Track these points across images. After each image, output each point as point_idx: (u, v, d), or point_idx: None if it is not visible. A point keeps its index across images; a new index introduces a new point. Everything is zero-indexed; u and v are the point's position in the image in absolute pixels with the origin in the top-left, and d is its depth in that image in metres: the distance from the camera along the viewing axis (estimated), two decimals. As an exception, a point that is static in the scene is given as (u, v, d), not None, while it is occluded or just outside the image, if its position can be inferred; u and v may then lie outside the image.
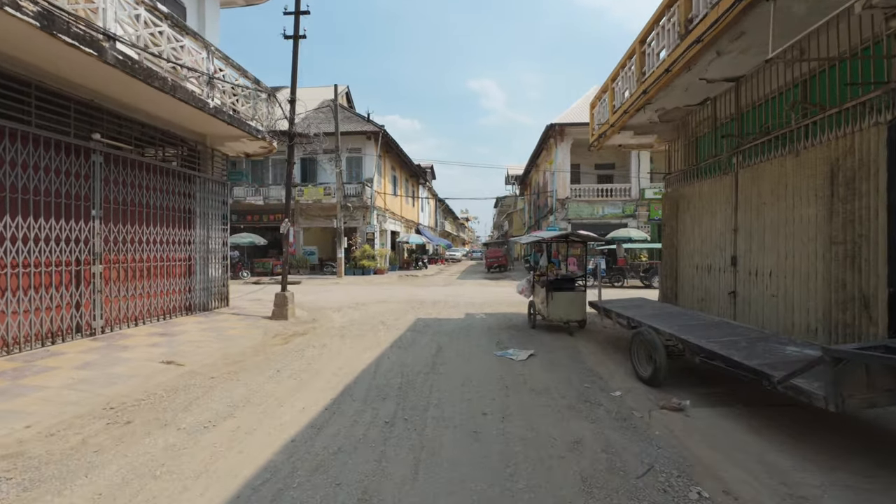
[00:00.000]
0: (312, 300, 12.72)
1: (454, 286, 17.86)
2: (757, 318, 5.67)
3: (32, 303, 5.71)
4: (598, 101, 9.56)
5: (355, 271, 22.33)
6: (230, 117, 8.18)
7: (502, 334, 7.63)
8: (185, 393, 4.53)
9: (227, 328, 7.69)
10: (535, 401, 4.33)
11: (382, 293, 14.78)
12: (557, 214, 22.55)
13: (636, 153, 21.88)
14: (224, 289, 9.81)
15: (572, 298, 7.48)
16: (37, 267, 5.77)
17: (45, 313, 5.87)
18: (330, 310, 10.71)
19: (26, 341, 5.64)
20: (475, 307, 11.27)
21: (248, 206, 23.34)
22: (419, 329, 8.19)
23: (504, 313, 10.20)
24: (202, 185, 9.15)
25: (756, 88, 5.89)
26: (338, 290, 16.11)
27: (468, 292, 15.24)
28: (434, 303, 12.18)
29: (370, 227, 23.10)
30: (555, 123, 21.69)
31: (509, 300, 12.58)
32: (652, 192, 21.62)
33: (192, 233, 8.90)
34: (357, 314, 10.03)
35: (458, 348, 6.63)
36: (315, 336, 7.54)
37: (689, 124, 7.95)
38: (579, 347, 6.61)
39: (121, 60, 5.63)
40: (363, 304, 11.91)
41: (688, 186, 7.83)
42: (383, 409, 4.13)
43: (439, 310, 10.80)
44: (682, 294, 7.84)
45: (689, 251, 7.68)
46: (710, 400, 4.26)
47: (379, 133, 22.60)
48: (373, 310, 10.71)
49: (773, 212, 5.43)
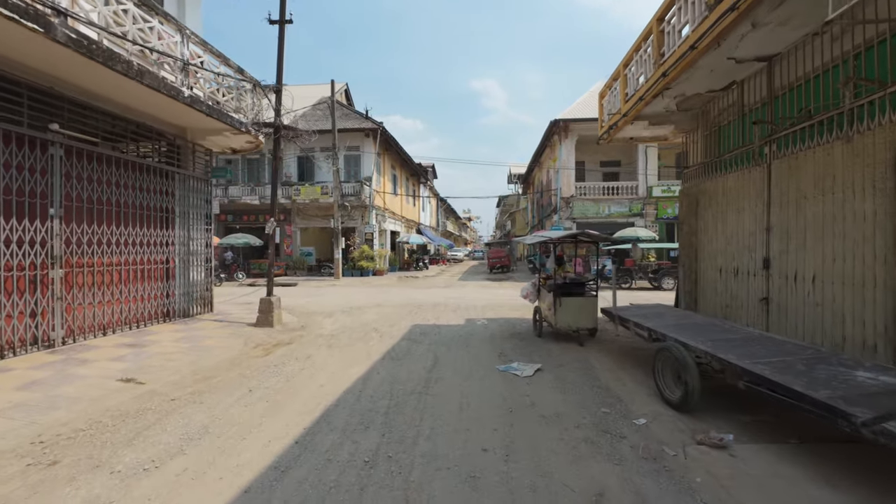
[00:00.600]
0: (305, 304, 12.08)
1: (455, 288, 17.19)
2: (796, 329, 4.97)
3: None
4: (608, 90, 8.87)
5: (353, 272, 21.70)
6: (209, 108, 7.53)
7: (505, 344, 6.95)
8: (135, 420, 3.88)
9: (204, 337, 7.04)
10: (545, 431, 3.66)
11: (379, 296, 14.13)
12: (562, 213, 21.83)
13: (643, 149, 21.14)
14: (207, 293, 9.17)
15: (582, 304, 6.80)
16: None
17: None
18: (321, 315, 10.05)
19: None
20: (476, 311, 10.59)
21: (243, 205, 22.75)
22: (415, 337, 7.53)
23: (507, 318, 9.52)
24: (182, 183, 8.51)
25: (794, 67, 5.19)
26: (333, 292, 15.47)
27: (469, 295, 14.56)
28: (433, 306, 11.51)
29: (369, 226, 22.46)
30: (559, 119, 20.97)
31: (512, 304, 11.89)
32: (660, 189, 20.88)
33: (171, 233, 8.27)
34: (350, 320, 9.37)
35: (456, 361, 5.96)
36: (300, 346, 6.89)
37: (710, 113, 7.25)
38: (591, 360, 5.92)
39: (74, 39, 4.99)
40: (358, 308, 11.26)
41: (709, 181, 7.13)
42: (365, 442, 3.47)
43: (438, 315, 10.13)
44: (703, 299, 7.14)
45: (711, 252, 6.99)
46: (756, 432, 3.57)
47: (377, 130, 21.95)
48: (367, 315, 10.05)
49: (817, 207, 4.73)
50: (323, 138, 21.97)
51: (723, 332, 4.56)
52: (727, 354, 3.64)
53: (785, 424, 3.68)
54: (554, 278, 7.02)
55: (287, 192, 22.12)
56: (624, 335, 7.07)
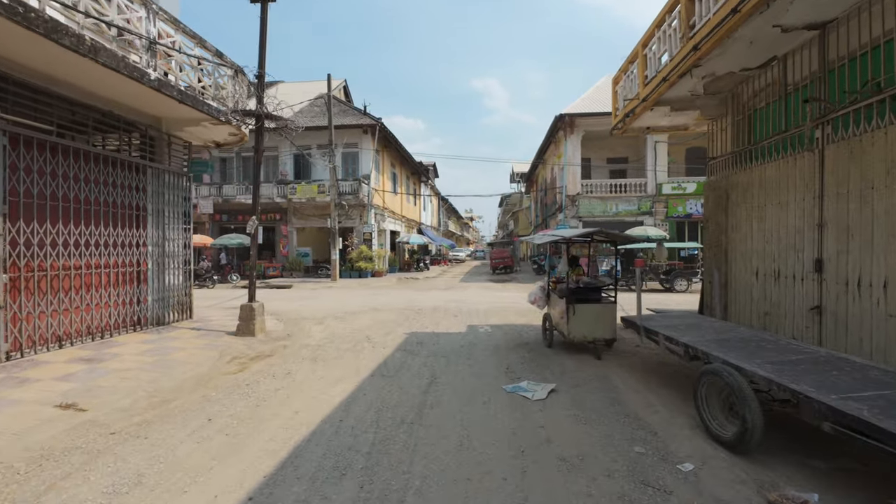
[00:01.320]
0: (297, 308, 11.33)
1: (456, 290, 16.41)
2: (860, 346, 4.17)
3: None
4: (623, 75, 8.07)
5: (352, 273, 20.95)
6: (182, 94, 6.78)
7: (512, 356, 6.17)
8: (56, 464, 3.12)
9: (174, 349, 6.29)
10: (568, 483, 2.88)
11: (377, 299, 13.37)
12: (567, 212, 21.02)
13: (652, 145, 20.30)
14: (186, 298, 8.42)
15: (599, 312, 6.01)
16: None
17: (-83, 339, 4.50)
18: (311, 321, 9.29)
19: None
20: (479, 317, 9.81)
21: (238, 205, 22.03)
22: (411, 348, 6.76)
23: (512, 325, 8.74)
24: (156, 178, 7.77)
25: (855, 33, 4.39)
26: (329, 295, 14.72)
27: (471, 298, 13.79)
28: (433, 311, 10.74)
29: (367, 226, 21.71)
30: (564, 114, 20.15)
31: (517, 307, 11.11)
32: (670, 187, 20.04)
33: (143, 233, 7.52)
34: (341, 327, 8.60)
35: (456, 378, 5.19)
36: (281, 359, 6.13)
37: (742, 95, 6.46)
38: (613, 378, 5.13)
39: (5, 5, 4.24)
40: (353, 312, 10.50)
41: (742, 172, 6.33)
42: (337, 498, 2.71)
43: (437, 320, 9.36)
44: (735, 306, 6.34)
45: (744, 252, 6.19)
46: (843, 487, 2.78)
47: (376, 126, 21.19)
48: (361, 321, 9.29)
49: (888, 200, 3.93)
50: (319, 135, 21.29)
51: (779, 351, 3.77)
52: (800, 384, 2.85)
53: (875, 473, 2.89)
54: (567, 282, 6.23)
55: (283, 190, 21.39)
56: (646, 346, 6.29)
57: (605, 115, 20.52)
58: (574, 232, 5.98)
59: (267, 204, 21.76)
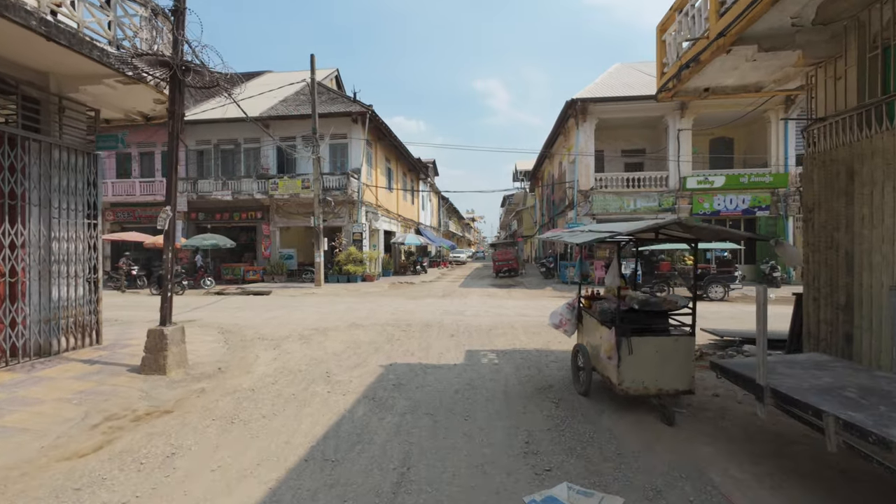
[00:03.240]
0: (262, 322, 9.25)
1: (455, 298, 14.31)
2: None
3: None
4: (676, 14, 5.95)
5: (339, 278, 18.86)
6: (56, 30, 4.70)
7: (532, 415, 4.06)
8: None
9: (22, 404, 4.19)
10: None
11: (360, 309, 11.28)
12: (579, 209, 18.89)
13: (674, 134, 18.16)
14: (91, 317, 6.34)
15: (668, 350, 3.90)
16: None
17: None
18: (266, 343, 7.20)
19: None
20: (481, 337, 7.70)
21: (215, 202, 19.95)
22: (383, 395, 4.66)
23: (526, 352, 6.63)
24: (42, 155, 5.69)
25: None
26: (308, 303, 12.63)
27: (472, 307, 11.68)
28: (424, 327, 8.64)
29: (357, 225, 19.61)
30: (576, 99, 18.00)
31: (527, 322, 9.00)
32: (695, 180, 17.89)
33: (21, 231, 5.45)
34: (300, 354, 6.50)
35: (444, 469, 3.08)
36: (181, 419, 4.02)
37: (871, 24, 4.34)
38: (710, 470, 3.02)
39: None
40: (325, 329, 8.42)
41: (875, 138, 4.21)
42: None
43: (428, 342, 7.25)
44: (868, 339, 4.20)
45: (887, 257, 4.06)
46: None
47: (366, 114, 19.09)
48: (331, 343, 7.19)
49: None
50: (304, 126, 19.10)
51: None
52: None
53: None
54: (618, 302, 4.10)
55: (263, 186, 19.30)
56: (750, 403, 4.19)
57: (623, 101, 18.42)
58: (634, 226, 3.87)
59: (247, 201, 19.71)
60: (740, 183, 17.61)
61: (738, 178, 17.67)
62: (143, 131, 20.99)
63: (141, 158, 21.65)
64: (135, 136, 21.24)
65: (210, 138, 20.96)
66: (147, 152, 21.55)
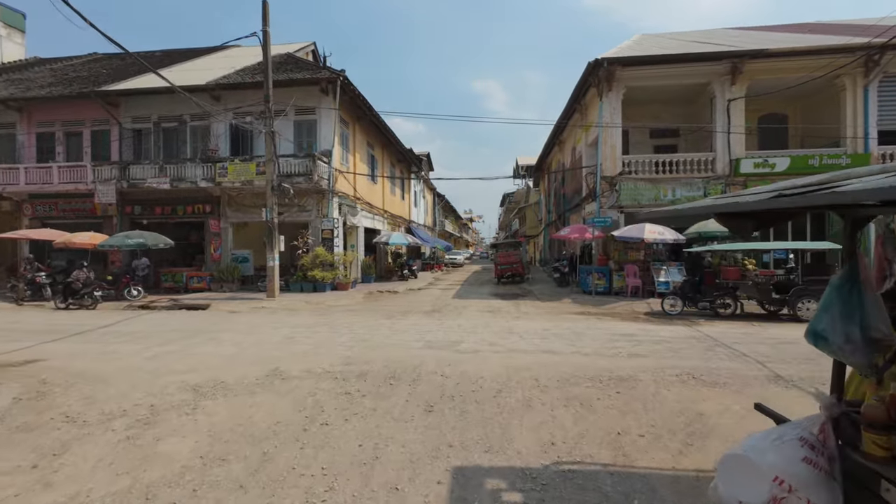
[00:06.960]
0: (132, 366, 5.46)
1: (446, 316, 10.54)
2: None
3: None
4: None
5: (305, 286, 15.10)
6: None
7: None
8: None
9: None
10: None
11: (306, 340, 7.54)
12: (603, 200, 15.19)
13: (723, 105, 14.49)
14: None
15: None
16: None
17: None
18: (57, 435, 3.43)
19: None
20: (483, 417, 3.92)
21: (150, 192, 16.10)
22: None
23: (584, 475, 2.85)
24: None
25: None
26: (238, 327, 8.86)
27: (469, 334, 7.93)
28: (386, 384, 4.87)
29: (327, 220, 15.86)
30: (602, 60, 14.24)
31: (563, 374, 5.24)
32: (751, 163, 14.22)
33: None
34: (106, 481, 2.74)
35: None
36: None
37: None
38: None
39: None
40: (213, 388, 4.70)
41: None
42: None
43: (377, 441, 3.50)
44: None
45: None
46: None
47: (337, 80, 15.34)
48: (179, 445, 3.44)
49: None
50: (262, 99, 15.41)
51: None
52: None
53: None
54: None
55: (209, 171, 15.48)
56: None
57: (662, 64, 14.75)
58: None
59: (191, 190, 15.91)
60: (809, 165, 13.94)
61: (806, 160, 14.00)
62: (70, 106, 17.23)
63: (67, 139, 17.80)
64: (59, 112, 17.47)
65: (149, 114, 17.14)
66: (74, 132, 17.71)
